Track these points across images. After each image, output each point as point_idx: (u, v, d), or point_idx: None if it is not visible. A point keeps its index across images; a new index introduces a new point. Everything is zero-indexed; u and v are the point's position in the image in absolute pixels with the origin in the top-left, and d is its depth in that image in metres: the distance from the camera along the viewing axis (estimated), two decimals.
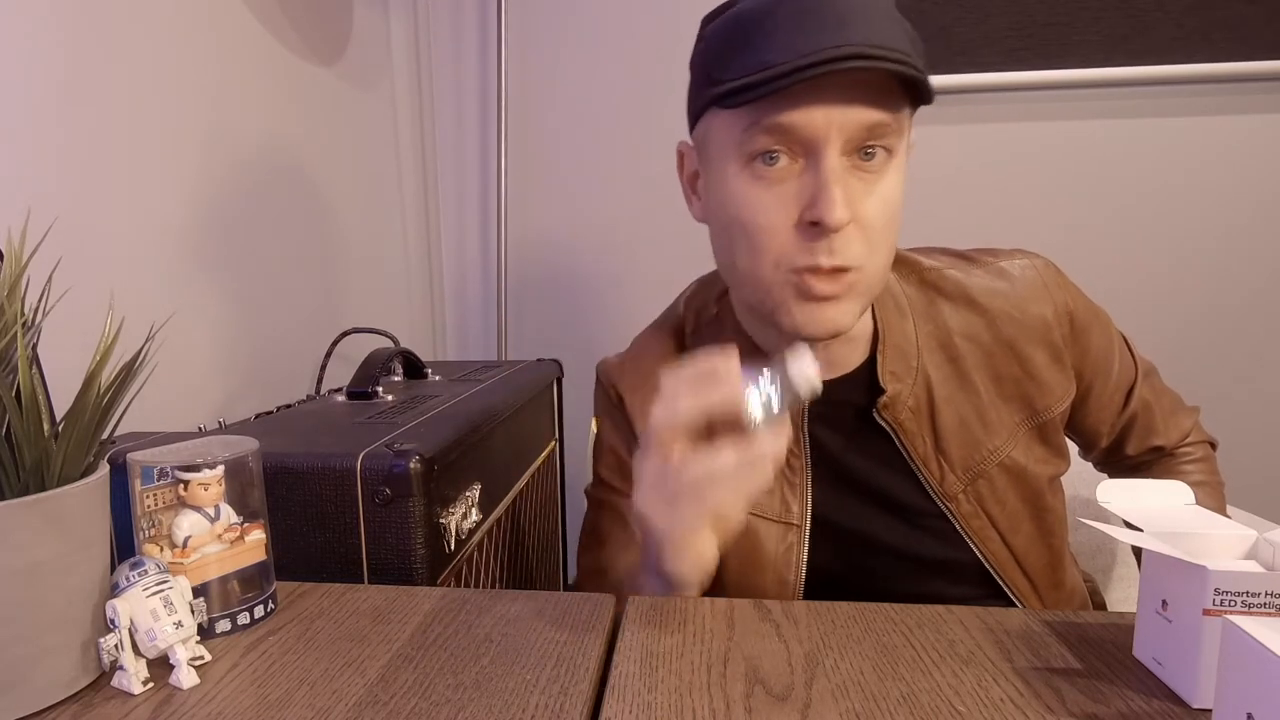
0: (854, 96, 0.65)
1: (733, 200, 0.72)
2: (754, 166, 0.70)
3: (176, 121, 1.15)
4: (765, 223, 0.70)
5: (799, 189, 0.68)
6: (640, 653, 0.58)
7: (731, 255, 0.75)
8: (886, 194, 0.69)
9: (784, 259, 0.70)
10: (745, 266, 0.74)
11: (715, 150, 0.74)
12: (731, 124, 0.70)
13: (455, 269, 2.14)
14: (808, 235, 0.68)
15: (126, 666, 0.53)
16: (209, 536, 0.62)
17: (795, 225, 0.69)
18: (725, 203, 0.73)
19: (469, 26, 2.01)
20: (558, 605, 0.66)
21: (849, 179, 0.68)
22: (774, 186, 0.69)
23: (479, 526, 1.02)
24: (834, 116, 0.66)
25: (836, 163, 0.67)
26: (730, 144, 0.71)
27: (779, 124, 0.67)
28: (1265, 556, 0.52)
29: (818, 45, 0.63)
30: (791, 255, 0.70)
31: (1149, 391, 0.92)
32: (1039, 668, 0.55)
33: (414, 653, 0.58)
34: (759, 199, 0.70)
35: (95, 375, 0.54)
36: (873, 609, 0.65)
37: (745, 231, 0.71)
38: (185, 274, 1.16)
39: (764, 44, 0.66)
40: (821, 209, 0.66)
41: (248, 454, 0.65)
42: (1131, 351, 0.91)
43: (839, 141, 0.66)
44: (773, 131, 0.67)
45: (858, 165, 0.68)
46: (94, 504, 0.54)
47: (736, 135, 0.70)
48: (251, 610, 0.64)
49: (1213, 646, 0.48)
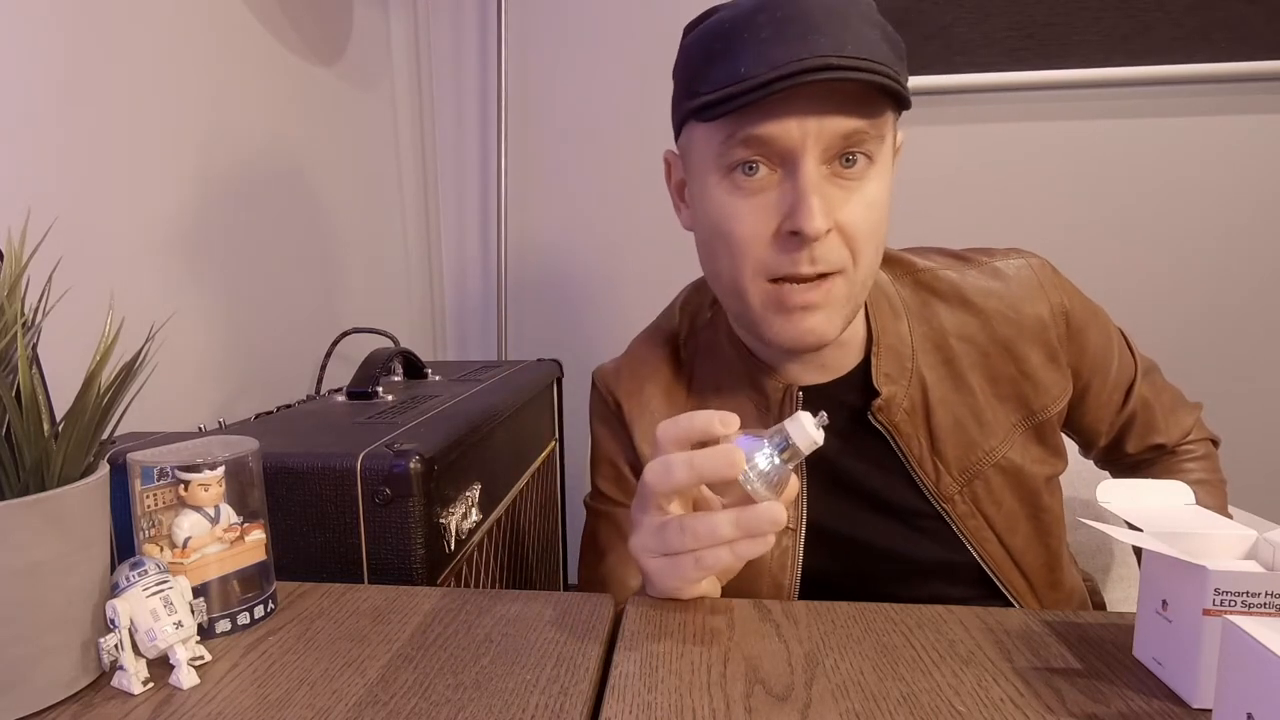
0: (829, 106, 0.66)
1: (714, 210, 0.72)
2: (734, 177, 0.70)
3: (176, 121, 1.15)
4: (745, 233, 0.70)
5: (778, 199, 0.69)
6: (640, 653, 0.58)
7: (715, 265, 0.76)
8: (869, 199, 0.69)
9: (764, 268, 0.71)
10: (727, 276, 0.74)
11: (697, 161, 0.74)
12: (710, 136, 0.71)
13: (455, 269, 2.14)
14: (788, 245, 0.69)
15: (126, 666, 0.53)
16: (209, 537, 0.62)
17: (775, 235, 0.69)
18: (707, 213, 0.74)
19: (469, 26, 2.02)
20: (558, 605, 0.66)
21: (828, 187, 0.68)
22: (753, 197, 0.70)
23: (479, 526, 1.02)
24: (809, 126, 0.66)
25: (814, 172, 0.67)
26: (710, 155, 0.72)
27: (755, 136, 0.67)
28: (1265, 556, 0.52)
29: (791, 56, 0.63)
30: (771, 265, 0.70)
31: (1149, 389, 0.91)
32: (1039, 668, 0.55)
33: (414, 653, 0.58)
34: (739, 209, 0.70)
35: (95, 375, 0.54)
36: (873, 609, 0.65)
37: (726, 242, 0.72)
38: (185, 274, 1.16)
39: (738, 56, 0.66)
40: (800, 219, 0.66)
41: (248, 454, 0.65)
42: (1131, 349, 0.91)
43: (816, 150, 0.67)
44: (749, 144, 0.68)
45: (838, 172, 0.69)
46: (94, 504, 0.54)
47: (715, 147, 0.71)
48: (251, 610, 0.64)
49: (1213, 647, 0.48)
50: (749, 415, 0.84)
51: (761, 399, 0.83)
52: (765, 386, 0.83)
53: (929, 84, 1.87)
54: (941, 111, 1.89)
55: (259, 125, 1.36)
